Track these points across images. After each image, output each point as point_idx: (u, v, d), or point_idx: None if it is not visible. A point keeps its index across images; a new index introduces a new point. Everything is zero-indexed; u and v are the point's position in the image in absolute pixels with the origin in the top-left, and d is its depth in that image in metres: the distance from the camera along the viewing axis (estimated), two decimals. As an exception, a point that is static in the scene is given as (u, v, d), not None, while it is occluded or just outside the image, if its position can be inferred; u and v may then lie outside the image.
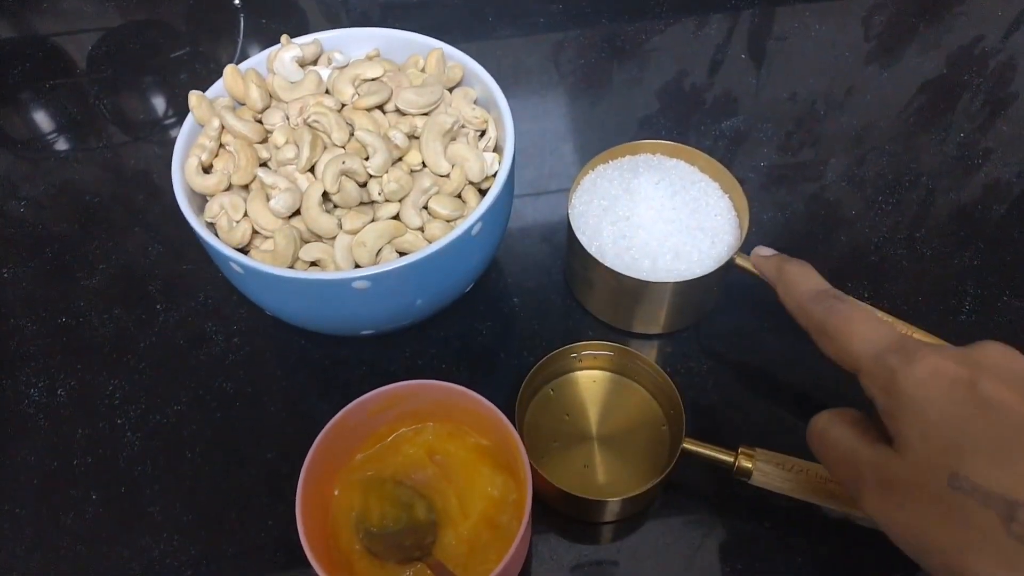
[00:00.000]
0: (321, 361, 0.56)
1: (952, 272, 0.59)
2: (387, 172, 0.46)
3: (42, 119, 0.75)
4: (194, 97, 0.48)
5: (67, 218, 0.64)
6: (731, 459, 0.45)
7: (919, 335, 0.49)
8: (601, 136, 0.70)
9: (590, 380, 0.52)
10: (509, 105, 0.50)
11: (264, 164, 0.48)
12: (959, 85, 0.72)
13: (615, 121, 0.71)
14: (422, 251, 0.43)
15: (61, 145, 0.72)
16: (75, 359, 0.56)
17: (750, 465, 0.45)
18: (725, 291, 0.56)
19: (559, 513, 0.49)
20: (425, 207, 0.47)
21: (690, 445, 0.46)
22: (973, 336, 0.54)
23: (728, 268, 0.51)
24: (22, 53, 0.79)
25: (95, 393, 0.54)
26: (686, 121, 0.70)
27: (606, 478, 0.48)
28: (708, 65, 0.76)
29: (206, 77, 0.75)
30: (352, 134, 0.47)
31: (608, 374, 0.52)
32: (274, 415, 0.53)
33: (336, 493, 0.48)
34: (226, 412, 0.53)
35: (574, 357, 0.51)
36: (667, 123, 0.70)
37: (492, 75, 0.52)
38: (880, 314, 0.48)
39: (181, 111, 0.73)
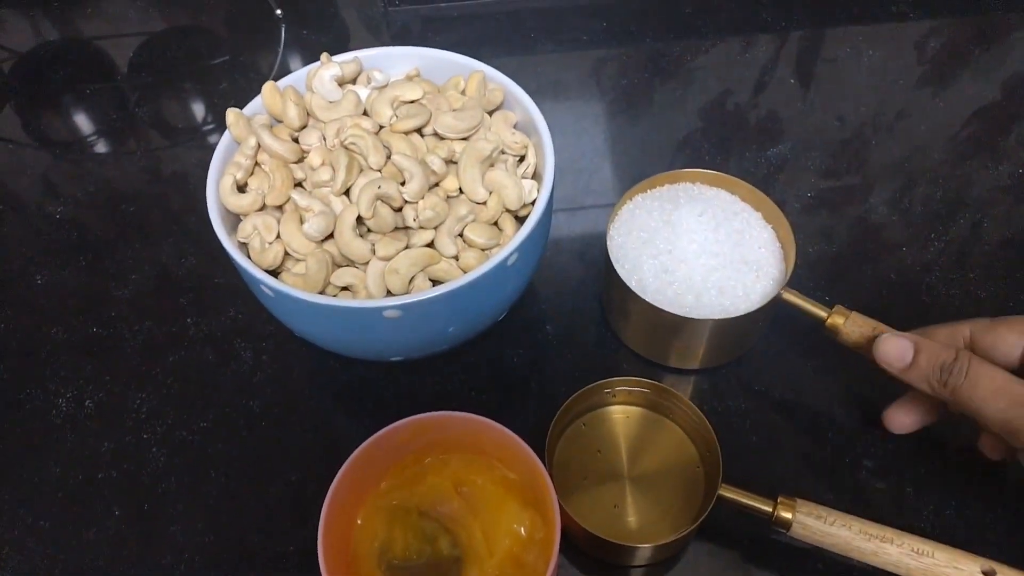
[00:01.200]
0: (350, 383, 0.55)
1: (1005, 313, 0.56)
2: (423, 198, 0.45)
3: (83, 122, 0.75)
4: (231, 115, 0.48)
5: (103, 224, 0.64)
6: (770, 508, 0.43)
7: None
8: (641, 155, 0.68)
9: (624, 416, 0.51)
10: (548, 122, 0.49)
11: (299, 184, 0.47)
12: (1014, 113, 0.69)
13: (655, 140, 0.69)
14: (456, 281, 0.42)
15: (100, 148, 0.72)
16: (104, 371, 0.56)
17: (790, 516, 0.43)
18: (768, 326, 0.55)
19: (587, 554, 0.47)
20: (460, 235, 0.46)
21: (727, 492, 0.44)
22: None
23: (775, 304, 0.49)
24: (65, 56, 0.80)
25: (122, 406, 0.54)
26: (729, 143, 0.68)
27: (637, 520, 0.47)
28: (753, 86, 0.74)
29: (245, 86, 0.75)
30: (389, 157, 0.45)
31: (642, 410, 0.51)
32: (300, 436, 0.52)
33: (359, 522, 0.47)
34: (252, 431, 0.53)
35: (608, 392, 0.50)
36: (709, 145, 0.68)
37: (532, 91, 0.50)
38: None
39: (220, 119, 0.73)
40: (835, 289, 0.58)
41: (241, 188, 0.48)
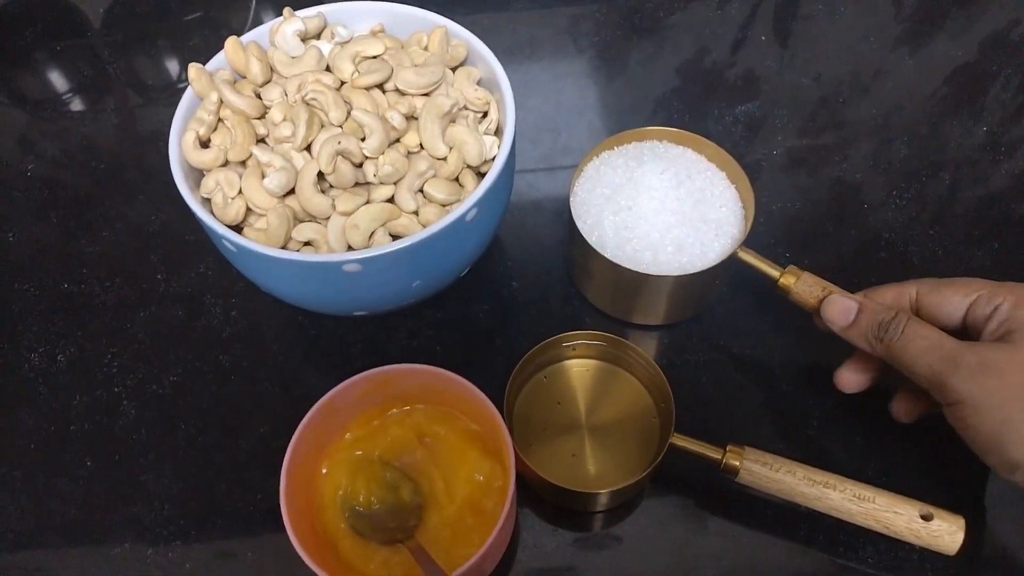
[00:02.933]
0: (318, 337, 0.56)
1: (964, 272, 0.57)
2: (383, 154, 0.45)
3: (56, 79, 0.74)
4: (193, 70, 0.48)
5: (75, 181, 0.64)
6: (719, 456, 0.45)
7: None
8: (616, 114, 0.68)
9: (583, 369, 0.52)
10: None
11: (262, 140, 0.48)
12: (991, 73, 0.69)
13: (631, 99, 0.69)
14: (415, 236, 0.43)
15: (74, 106, 0.72)
16: (76, 326, 0.56)
17: (737, 463, 0.44)
18: (728, 284, 0.56)
19: (548, 503, 0.49)
20: (421, 190, 0.46)
21: (678, 440, 0.45)
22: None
23: (731, 262, 0.50)
24: (37, 12, 0.79)
25: (94, 361, 0.55)
26: (704, 101, 0.68)
27: (594, 468, 0.48)
28: (730, 44, 0.73)
29: (216, 43, 0.74)
30: (350, 113, 0.46)
31: (601, 363, 0.52)
32: (268, 390, 0.54)
33: (324, 471, 0.48)
34: (221, 385, 0.54)
35: (567, 346, 0.51)
36: (685, 103, 0.68)
37: (505, 50, 0.50)
38: None
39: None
40: (804, 250, 0.58)
41: (204, 144, 0.48)
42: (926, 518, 0.42)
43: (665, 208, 0.51)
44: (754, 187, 0.52)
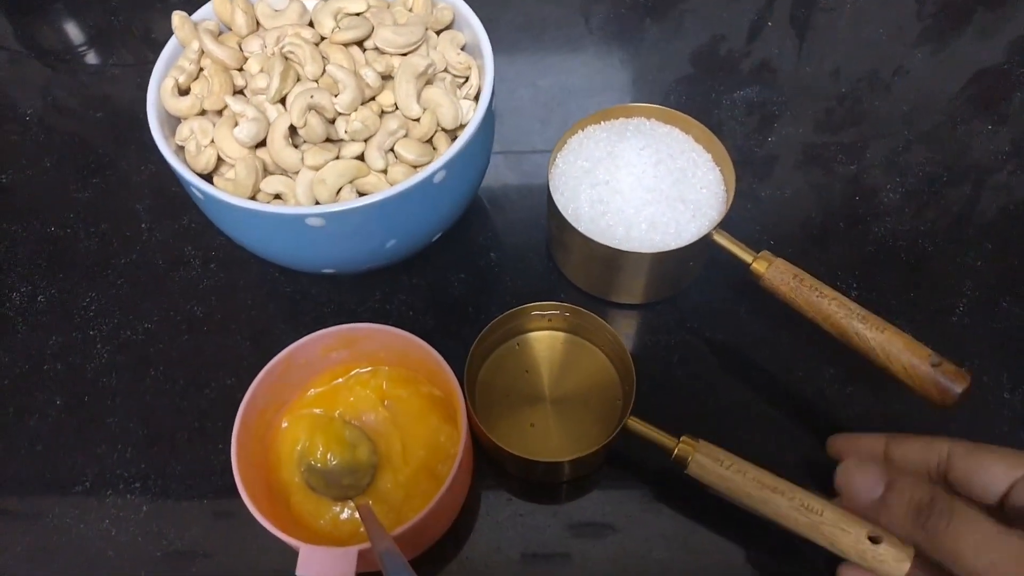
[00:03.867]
0: (292, 295, 0.56)
1: (952, 271, 0.56)
2: (356, 110, 0.45)
3: (69, 30, 0.75)
4: (177, 18, 0.48)
5: (71, 128, 0.65)
6: (672, 445, 0.44)
7: None
8: (625, 97, 0.67)
9: (550, 340, 0.51)
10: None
11: (240, 92, 0.48)
12: (1017, 77, 0.67)
13: (642, 83, 0.68)
14: (379, 193, 0.43)
15: (77, 60, 0.72)
16: (58, 269, 0.57)
17: (688, 455, 0.43)
18: (708, 268, 0.55)
19: (509, 474, 0.48)
20: (392, 150, 0.46)
21: (634, 423, 0.45)
22: (962, 340, 0.51)
23: (705, 244, 0.49)
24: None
25: (73, 303, 0.56)
26: (716, 89, 0.67)
27: (553, 440, 0.48)
28: (746, 33, 0.72)
29: None
30: (326, 69, 0.46)
31: (569, 336, 0.51)
32: (239, 343, 0.54)
33: (284, 425, 0.49)
34: (193, 335, 0.54)
35: (535, 315, 0.50)
36: (696, 89, 0.67)
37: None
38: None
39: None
40: (804, 246, 0.57)
41: (184, 92, 0.48)
42: (874, 540, 0.39)
43: (641, 185, 0.50)
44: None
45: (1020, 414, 0.50)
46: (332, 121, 0.46)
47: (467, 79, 0.49)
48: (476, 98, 0.49)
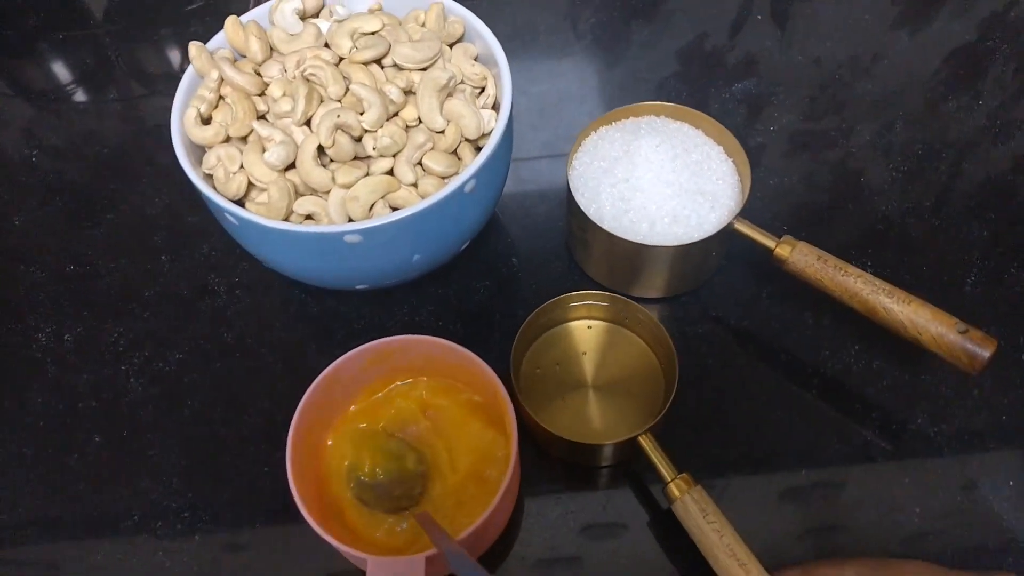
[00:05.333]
0: (320, 315, 0.56)
1: (960, 243, 0.58)
2: (382, 127, 0.46)
3: (59, 70, 0.75)
4: (194, 48, 0.49)
5: (76, 170, 0.65)
6: (668, 477, 0.44)
7: None
8: (617, 99, 0.69)
9: (587, 329, 0.53)
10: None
11: (262, 117, 0.48)
12: (990, 53, 0.70)
13: (631, 83, 0.70)
14: (415, 206, 0.43)
15: (77, 96, 0.72)
16: (82, 306, 0.57)
17: (677, 495, 0.44)
18: (726, 258, 0.56)
19: (553, 469, 0.49)
20: (420, 163, 0.47)
21: (645, 441, 0.45)
22: (976, 308, 0.53)
23: (728, 234, 0.51)
24: (38, 2, 0.80)
25: (100, 340, 0.56)
26: (705, 84, 0.69)
27: (600, 424, 0.49)
28: (729, 27, 0.74)
29: (217, 30, 0.75)
30: (348, 88, 0.46)
31: (606, 324, 0.53)
32: (272, 366, 0.54)
33: (329, 443, 0.49)
34: (226, 362, 0.54)
35: (572, 306, 0.52)
36: (685, 86, 0.69)
37: (502, 34, 0.51)
38: None
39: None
40: (803, 226, 0.58)
41: (205, 121, 0.49)
42: None
43: (661, 180, 0.51)
44: (751, 162, 0.52)
45: (1039, 375, 0.52)
46: (358, 139, 0.46)
47: (483, 89, 0.50)
48: (494, 107, 0.50)
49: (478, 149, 0.49)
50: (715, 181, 0.52)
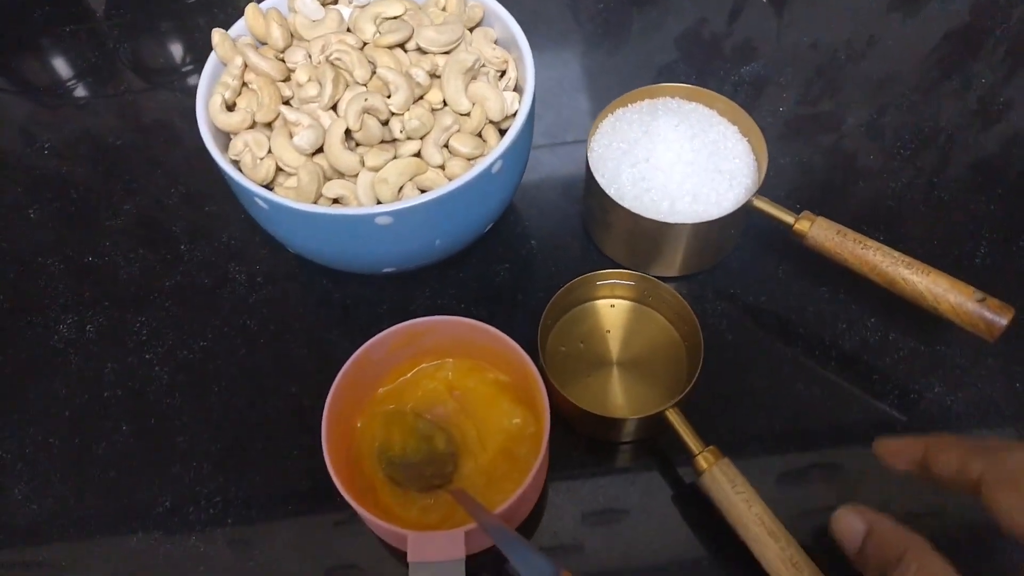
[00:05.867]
0: (342, 300, 0.57)
1: (969, 217, 0.59)
2: (409, 110, 0.46)
3: (61, 65, 0.75)
4: (217, 35, 0.49)
5: (90, 162, 0.65)
6: (696, 450, 0.45)
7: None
8: (619, 85, 0.69)
9: (610, 307, 0.54)
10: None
11: (287, 102, 0.49)
12: (982, 34, 0.71)
13: (633, 70, 0.70)
14: (444, 188, 0.44)
15: (80, 91, 0.72)
16: (102, 297, 0.57)
17: (705, 466, 0.44)
18: (743, 235, 0.57)
19: (579, 446, 0.50)
20: (446, 145, 0.47)
21: (672, 416, 0.46)
22: (987, 279, 0.54)
23: (746, 211, 0.52)
24: (40, -2, 0.80)
25: (123, 330, 0.56)
26: (705, 69, 0.69)
27: (625, 400, 0.50)
28: (728, 12, 0.75)
29: (224, 21, 0.75)
30: (374, 72, 0.47)
31: (628, 302, 0.54)
32: (297, 351, 0.55)
33: (359, 425, 0.49)
34: (250, 348, 0.55)
35: (597, 285, 0.53)
36: (686, 71, 0.70)
37: None
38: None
39: (199, 57, 0.73)
40: (814, 203, 0.59)
41: (229, 107, 0.49)
42: None
43: (681, 159, 0.52)
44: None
45: (1050, 343, 0.53)
46: (385, 123, 0.47)
47: (503, 72, 0.51)
48: (515, 89, 0.51)
49: (500, 131, 0.50)
50: (732, 160, 0.53)
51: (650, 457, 0.50)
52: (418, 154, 0.47)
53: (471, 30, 0.52)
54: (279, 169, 0.47)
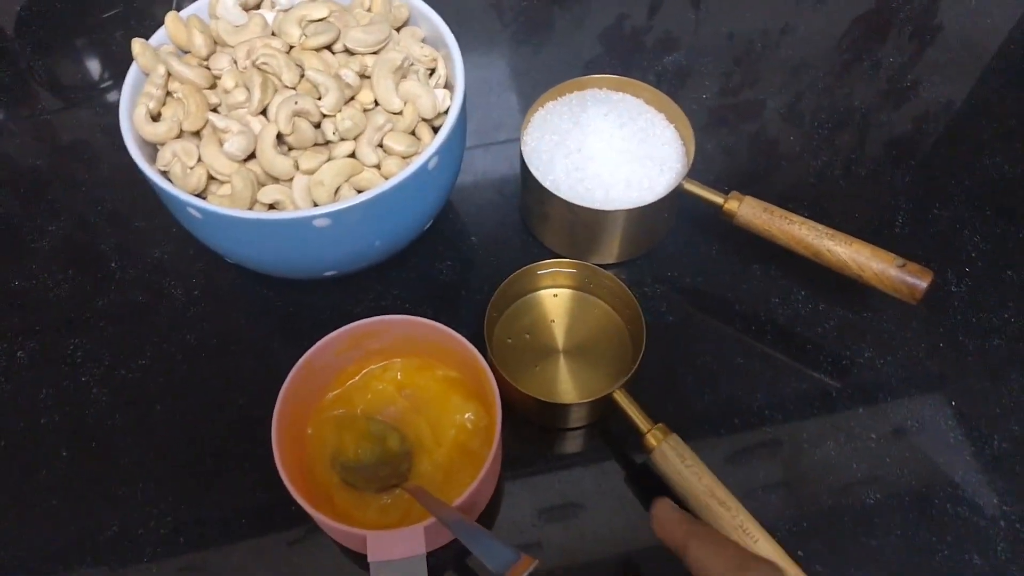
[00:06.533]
0: (284, 308, 0.56)
1: (886, 190, 0.62)
2: (340, 111, 0.46)
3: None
4: (138, 45, 0.48)
5: (8, 184, 0.63)
6: (645, 428, 0.46)
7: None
8: (546, 82, 0.70)
9: (553, 298, 0.55)
10: None
11: (213, 110, 0.48)
12: (888, 17, 0.74)
13: (560, 67, 0.71)
14: (381, 186, 0.44)
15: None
16: (32, 321, 0.55)
17: (654, 443, 0.46)
18: (676, 219, 0.59)
19: (531, 435, 0.51)
20: (380, 145, 0.47)
21: (620, 397, 0.47)
22: (907, 247, 0.57)
23: (678, 195, 0.53)
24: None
25: (56, 353, 0.54)
26: (630, 62, 0.71)
27: (572, 387, 0.51)
28: (648, 7, 0.77)
29: (142, 33, 0.72)
30: (302, 75, 0.47)
31: (572, 291, 0.55)
32: (241, 363, 0.54)
33: (310, 432, 0.49)
34: (192, 363, 0.54)
35: (540, 275, 0.54)
36: (611, 64, 0.71)
37: None
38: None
39: (116, 72, 0.71)
40: (735, 182, 0.62)
41: (154, 118, 0.48)
42: None
43: (612, 148, 0.53)
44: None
45: (967, 303, 0.56)
46: (317, 125, 0.47)
47: (432, 71, 0.51)
48: (445, 87, 0.51)
49: (433, 129, 0.50)
50: (661, 146, 0.55)
51: (601, 441, 0.51)
52: (352, 155, 0.47)
53: (398, 30, 0.52)
54: (210, 178, 0.46)
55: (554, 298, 0.54)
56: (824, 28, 0.74)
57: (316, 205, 0.46)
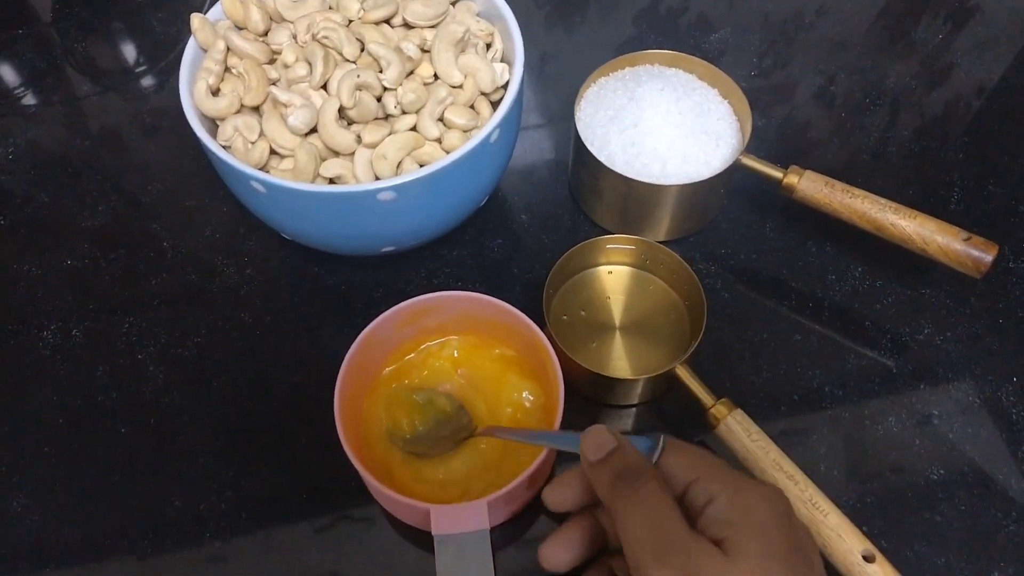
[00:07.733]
0: (336, 286, 0.56)
1: (940, 167, 0.61)
2: (402, 84, 0.46)
3: (7, 73, 0.72)
4: (197, 20, 0.48)
5: (59, 166, 0.63)
6: (709, 403, 0.46)
7: None
8: (579, 67, 0.69)
9: (608, 274, 0.54)
10: None
11: (273, 84, 0.48)
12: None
13: (592, 51, 0.70)
14: (445, 160, 0.44)
15: (33, 97, 0.69)
16: (86, 300, 0.55)
17: (719, 417, 0.45)
18: (729, 196, 0.58)
19: (589, 411, 0.50)
20: (440, 119, 0.47)
21: (682, 371, 0.47)
22: (963, 223, 0.57)
23: (735, 169, 0.53)
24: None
25: (111, 331, 0.54)
26: (667, 44, 0.70)
27: (630, 363, 0.51)
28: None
29: (178, 17, 0.73)
30: (363, 49, 0.46)
31: (626, 268, 0.54)
32: (295, 340, 0.54)
33: (366, 407, 0.49)
34: (247, 340, 0.54)
35: (597, 251, 0.53)
36: (646, 47, 0.70)
37: None
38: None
39: (151, 57, 0.70)
40: (790, 156, 0.61)
41: (214, 93, 0.48)
42: (867, 559, 0.40)
43: (669, 122, 0.53)
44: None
45: (1025, 279, 0.55)
46: (378, 99, 0.46)
47: (489, 44, 0.51)
48: (501, 60, 0.51)
49: (491, 103, 0.50)
50: (716, 121, 0.54)
51: (657, 418, 0.51)
52: (413, 128, 0.46)
53: (453, 4, 0.52)
54: (272, 152, 0.46)
55: (609, 275, 0.54)
56: (862, 5, 0.73)
57: (378, 179, 0.45)
